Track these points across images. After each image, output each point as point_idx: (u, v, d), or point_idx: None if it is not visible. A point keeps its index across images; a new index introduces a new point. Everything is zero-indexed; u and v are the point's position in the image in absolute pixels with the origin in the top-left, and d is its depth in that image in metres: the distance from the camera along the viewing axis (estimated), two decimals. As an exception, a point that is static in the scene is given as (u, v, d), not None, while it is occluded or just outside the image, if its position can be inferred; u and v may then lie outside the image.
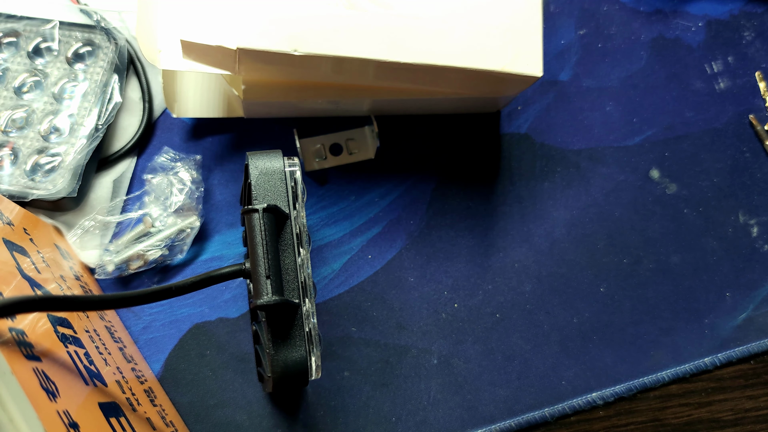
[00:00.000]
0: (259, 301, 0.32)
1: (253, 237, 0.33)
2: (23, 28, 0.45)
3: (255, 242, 0.33)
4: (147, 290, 0.32)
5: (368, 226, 0.47)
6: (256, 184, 0.34)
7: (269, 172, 0.35)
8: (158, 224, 0.44)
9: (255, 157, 0.35)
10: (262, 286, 0.32)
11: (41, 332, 0.30)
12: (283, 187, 0.34)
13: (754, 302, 0.47)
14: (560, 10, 0.52)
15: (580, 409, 0.44)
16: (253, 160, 0.35)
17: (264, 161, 0.35)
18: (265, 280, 0.32)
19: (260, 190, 0.34)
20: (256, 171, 0.34)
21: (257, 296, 0.32)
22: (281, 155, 0.35)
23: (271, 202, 0.34)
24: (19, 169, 0.43)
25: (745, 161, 0.50)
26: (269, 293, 0.32)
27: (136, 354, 0.42)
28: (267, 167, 0.35)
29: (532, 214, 0.48)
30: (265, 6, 0.37)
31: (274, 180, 0.34)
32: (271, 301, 0.31)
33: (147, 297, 0.32)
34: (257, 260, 0.32)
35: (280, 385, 0.33)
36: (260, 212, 0.33)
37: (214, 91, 0.46)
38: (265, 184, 0.34)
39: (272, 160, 0.35)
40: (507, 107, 0.50)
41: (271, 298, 0.31)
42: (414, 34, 0.38)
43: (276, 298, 0.32)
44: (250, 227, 0.33)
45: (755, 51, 0.52)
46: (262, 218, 0.33)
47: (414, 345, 0.45)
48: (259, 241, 0.32)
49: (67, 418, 0.27)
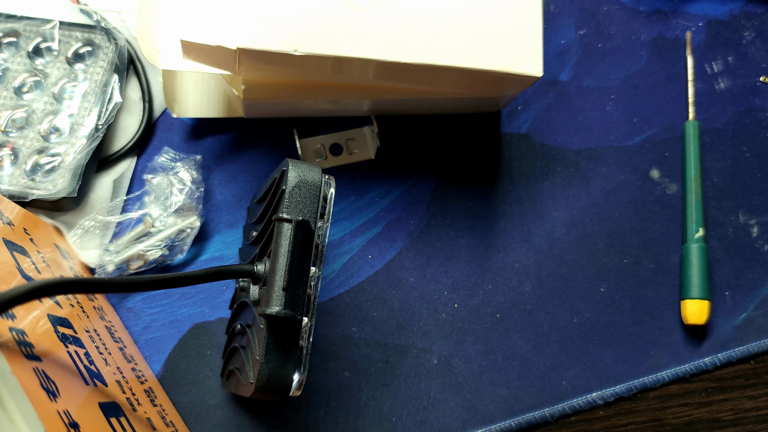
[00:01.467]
0: (269, 310, 0.32)
1: (279, 246, 0.33)
2: (23, 28, 0.45)
3: (280, 252, 0.33)
4: (156, 276, 0.32)
5: (368, 226, 0.47)
6: (290, 193, 0.34)
7: (306, 185, 0.34)
8: (158, 224, 0.44)
9: (295, 167, 0.34)
10: (276, 296, 0.32)
11: (41, 332, 0.30)
12: (316, 204, 0.34)
13: (754, 302, 0.47)
14: (560, 10, 0.52)
15: (580, 409, 0.44)
16: (293, 168, 0.34)
17: (304, 172, 0.34)
18: (281, 291, 0.32)
19: (293, 200, 0.34)
20: (294, 180, 0.34)
21: (267, 304, 0.32)
22: (320, 171, 0.35)
23: (302, 215, 0.34)
24: (19, 169, 0.43)
25: (745, 161, 0.50)
26: (282, 305, 0.32)
27: (137, 354, 0.42)
28: (305, 179, 0.34)
29: (532, 214, 0.48)
30: (265, 6, 0.37)
31: (309, 194, 0.34)
32: (281, 313, 0.32)
33: (155, 283, 0.32)
34: (277, 269, 0.32)
35: (259, 393, 0.33)
36: (293, 224, 0.33)
37: (214, 91, 0.46)
38: (299, 196, 0.34)
39: (312, 173, 0.35)
40: (507, 107, 0.50)
41: (282, 311, 0.32)
42: (414, 34, 0.38)
43: (287, 311, 0.32)
44: (278, 235, 0.33)
45: (755, 51, 0.52)
46: (293, 230, 0.33)
47: (414, 345, 0.45)
48: (284, 253, 0.33)
49: (68, 418, 0.27)
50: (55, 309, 0.33)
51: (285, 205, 0.34)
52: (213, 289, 0.45)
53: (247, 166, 0.47)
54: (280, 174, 0.35)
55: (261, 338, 0.33)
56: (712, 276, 0.47)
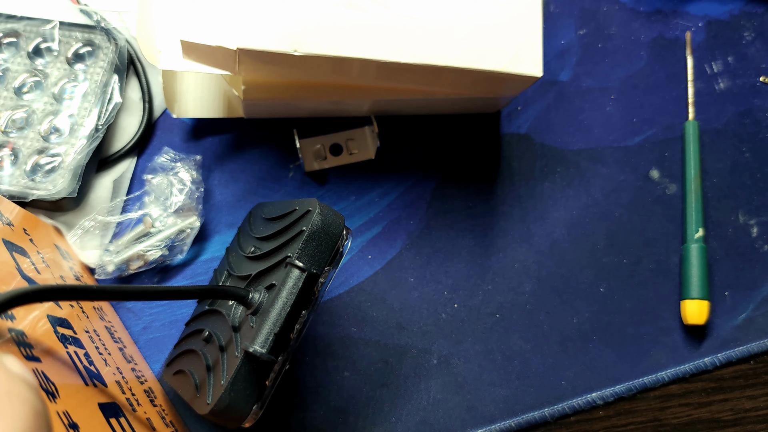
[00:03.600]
0: (252, 348, 0.31)
1: (284, 290, 0.33)
2: (23, 28, 0.45)
3: (282, 296, 0.32)
4: (151, 288, 0.31)
5: (368, 226, 0.47)
6: (309, 237, 0.34)
7: (327, 233, 0.34)
8: (158, 224, 0.44)
9: (322, 212, 0.34)
10: (264, 337, 0.32)
11: (41, 333, 0.30)
12: (329, 254, 0.34)
13: (754, 302, 0.47)
14: (560, 10, 0.52)
15: (580, 409, 0.44)
16: (319, 213, 0.34)
17: (327, 220, 0.34)
18: (271, 335, 0.32)
19: (310, 245, 0.34)
20: (316, 226, 0.34)
21: (253, 341, 0.32)
22: (343, 222, 0.35)
23: (315, 264, 0.34)
24: (19, 170, 0.43)
25: (745, 161, 0.50)
26: (267, 349, 0.32)
27: (136, 354, 0.42)
28: (327, 228, 0.34)
29: (532, 214, 0.48)
30: (265, 6, 0.37)
31: (327, 243, 0.34)
32: (264, 356, 0.31)
33: (148, 294, 0.32)
34: (273, 312, 0.32)
35: (213, 417, 0.33)
36: (305, 275, 0.33)
37: (214, 91, 0.46)
38: (317, 243, 0.34)
39: (336, 223, 0.35)
40: (507, 107, 0.50)
41: (265, 354, 0.31)
42: (414, 34, 0.38)
43: (269, 356, 0.32)
44: (286, 278, 0.33)
45: (755, 51, 0.52)
46: (303, 281, 0.33)
47: (414, 345, 0.45)
48: (287, 300, 0.32)
49: (67, 419, 0.27)
50: (55, 309, 0.33)
51: (301, 248, 0.33)
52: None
53: (247, 166, 0.47)
54: (304, 212, 0.35)
55: (232, 365, 0.33)
56: (712, 276, 0.47)
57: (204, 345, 0.37)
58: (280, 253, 0.35)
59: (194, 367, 0.37)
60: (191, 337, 0.39)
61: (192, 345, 0.38)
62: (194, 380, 0.35)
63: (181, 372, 0.38)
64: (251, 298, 0.34)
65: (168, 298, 0.32)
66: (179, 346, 0.40)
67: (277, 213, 0.38)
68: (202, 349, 0.36)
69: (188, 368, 0.37)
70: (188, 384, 0.36)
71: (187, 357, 0.38)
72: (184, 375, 0.37)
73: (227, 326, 0.35)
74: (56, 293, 0.26)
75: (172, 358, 0.40)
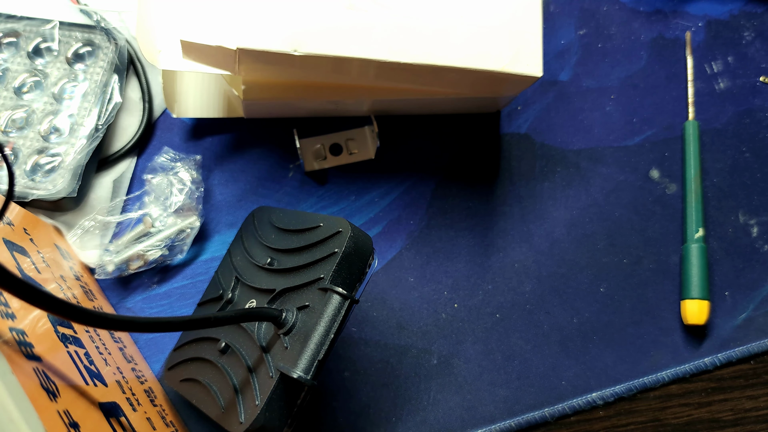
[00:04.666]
0: (295, 373, 0.31)
1: (325, 316, 0.32)
2: (23, 28, 0.45)
3: (325, 322, 0.32)
4: (185, 318, 0.31)
5: (368, 226, 0.47)
6: (343, 259, 0.34)
7: (359, 254, 0.34)
8: (158, 224, 0.44)
9: (354, 234, 0.34)
10: (308, 363, 0.31)
11: (41, 332, 0.30)
12: (358, 275, 0.34)
13: (754, 302, 0.47)
14: (560, 10, 0.52)
15: (580, 409, 0.44)
16: (352, 237, 0.34)
17: (359, 241, 0.34)
18: (314, 361, 0.32)
19: (343, 268, 0.34)
20: (350, 248, 0.34)
21: (293, 365, 0.31)
22: (372, 243, 0.35)
23: (348, 287, 0.33)
24: (19, 170, 0.43)
25: (745, 161, 0.50)
26: (311, 375, 0.31)
27: (136, 354, 0.42)
28: (359, 249, 0.34)
29: (532, 214, 0.48)
30: (265, 6, 0.37)
31: (358, 263, 0.34)
32: (307, 382, 0.31)
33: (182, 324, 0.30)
34: (315, 338, 0.32)
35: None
36: (348, 301, 0.32)
37: (214, 91, 0.46)
38: (349, 265, 0.34)
39: (366, 244, 0.35)
40: (507, 107, 0.50)
41: (308, 380, 0.31)
42: (414, 34, 0.38)
43: (311, 381, 0.31)
44: (327, 304, 0.32)
45: (755, 51, 0.52)
46: (345, 307, 0.32)
47: (414, 345, 0.45)
48: (331, 327, 0.32)
49: (68, 418, 0.27)
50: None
51: (335, 271, 0.33)
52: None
53: (247, 166, 0.47)
54: (334, 232, 0.35)
55: (265, 385, 0.32)
56: (712, 276, 0.47)
57: (220, 356, 0.36)
58: (308, 272, 0.35)
59: (213, 379, 0.36)
60: (201, 343, 0.39)
61: (204, 353, 0.38)
62: (215, 394, 0.35)
63: (195, 381, 0.38)
64: (284, 320, 0.33)
65: (203, 326, 0.31)
66: (185, 351, 0.40)
67: (296, 226, 0.38)
68: (219, 360, 0.36)
69: (204, 379, 0.37)
70: (206, 396, 0.36)
71: (199, 366, 0.38)
72: (199, 385, 0.37)
73: (253, 344, 0.35)
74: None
75: (178, 362, 0.40)
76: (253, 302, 0.37)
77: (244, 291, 0.39)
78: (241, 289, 0.39)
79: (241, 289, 0.39)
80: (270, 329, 0.34)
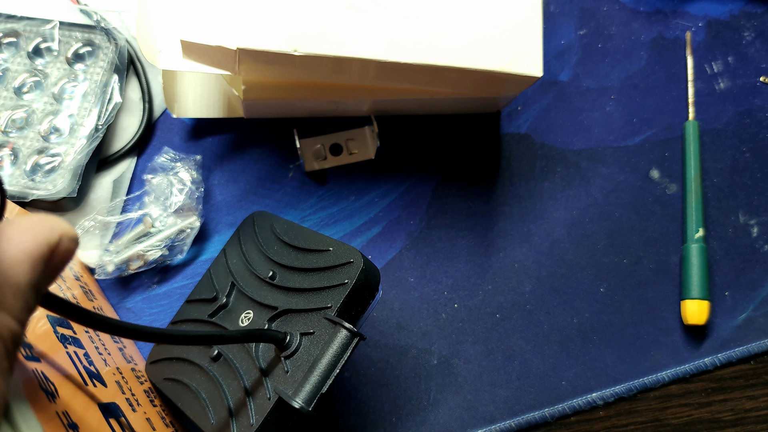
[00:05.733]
0: (296, 402, 0.31)
1: (330, 350, 0.32)
2: (23, 28, 0.45)
3: (330, 356, 0.32)
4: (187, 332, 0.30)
5: (368, 226, 0.47)
6: (352, 291, 0.33)
7: (366, 289, 0.34)
8: (158, 224, 0.44)
9: (365, 267, 0.34)
10: (310, 394, 0.31)
11: (40, 333, 0.30)
12: (364, 307, 0.34)
13: (754, 302, 0.47)
14: (560, 10, 0.52)
15: (580, 409, 0.44)
16: (363, 270, 0.34)
17: (369, 274, 0.34)
18: (317, 393, 0.31)
19: (352, 300, 0.33)
20: (361, 280, 0.34)
21: (296, 394, 0.31)
22: (380, 276, 0.35)
23: (353, 320, 0.33)
24: (19, 170, 0.43)
25: (745, 161, 0.50)
26: (312, 406, 0.31)
27: (136, 354, 0.42)
28: (369, 282, 0.34)
29: (532, 214, 0.48)
30: (265, 6, 0.37)
31: (364, 298, 0.34)
32: (306, 412, 0.31)
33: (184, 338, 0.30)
34: (319, 370, 0.31)
35: None
36: (356, 339, 0.32)
37: (214, 91, 0.46)
38: (358, 297, 0.34)
39: (375, 276, 0.34)
40: (507, 107, 0.50)
41: (308, 411, 0.31)
42: (414, 34, 0.38)
43: (310, 412, 0.31)
44: (333, 338, 0.32)
45: (755, 51, 0.52)
46: (353, 346, 0.32)
47: (414, 345, 0.45)
48: (335, 362, 0.32)
49: (67, 419, 0.27)
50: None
51: (344, 303, 0.33)
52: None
53: (247, 166, 0.47)
54: (345, 261, 0.34)
55: (261, 408, 0.32)
56: (712, 276, 0.47)
57: (211, 363, 0.36)
58: (315, 297, 0.34)
59: (203, 387, 0.36)
60: (190, 345, 0.38)
61: (194, 357, 0.37)
62: (205, 403, 0.35)
63: (181, 383, 0.37)
64: (287, 343, 0.33)
65: (209, 342, 0.31)
66: (169, 347, 0.39)
67: (303, 244, 0.37)
68: (210, 368, 0.36)
69: (192, 383, 0.36)
70: (195, 403, 0.36)
71: (188, 368, 0.37)
72: (187, 389, 0.36)
73: (250, 359, 0.34)
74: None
75: (163, 358, 0.39)
76: (250, 313, 0.37)
77: (240, 299, 0.38)
78: (237, 296, 0.38)
79: (237, 296, 0.38)
80: (270, 349, 0.34)
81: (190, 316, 0.40)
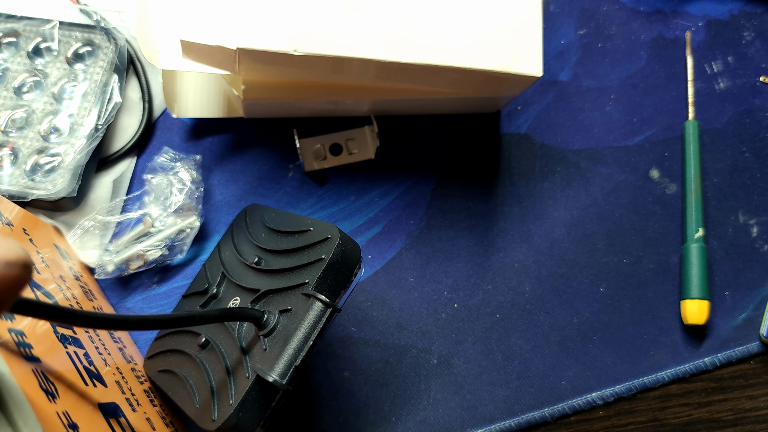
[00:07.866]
0: (271, 377, 0.31)
1: (305, 322, 0.32)
2: (23, 28, 0.45)
3: (304, 329, 0.32)
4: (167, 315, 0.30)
5: (368, 226, 0.47)
6: (329, 266, 0.33)
7: (345, 264, 0.34)
8: (158, 224, 0.44)
9: (343, 242, 0.34)
10: (284, 368, 0.31)
11: (40, 333, 0.30)
12: (344, 283, 0.34)
13: (754, 302, 0.47)
14: (560, 10, 0.52)
15: (580, 409, 0.44)
16: (340, 245, 0.34)
17: (347, 250, 0.34)
18: (291, 366, 0.31)
19: (329, 275, 0.33)
20: (338, 254, 0.34)
21: (270, 368, 0.31)
22: (360, 252, 0.35)
23: (332, 295, 0.33)
24: (19, 169, 0.43)
25: (744, 161, 0.50)
26: (287, 381, 0.31)
27: (136, 354, 0.42)
28: (346, 259, 0.34)
29: (532, 214, 0.48)
30: (265, 6, 0.37)
31: (343, 273, 0.34)
32: (282, 386, 0.31)
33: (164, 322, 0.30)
34: (293, 343, 0.32)
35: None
36: (329, 309, 0.32)
37: (214, 91, 0.46)
38: (335, 272, 0.34)
39: (354, 252, 0.34)
40: (507, 107, 0.50)
41: (283, 385, 0.31)
42: (414, 34, 0.38)
43: (286, 386, 0.31)
44: (309, 311, 0.32)
45: (755, 51, 0.52)
46: (327, 315, 0.32)
47: (414, 345, 0.45)
48: (310, 334, 0.32)
49: (67, 419, 0.27)
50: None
51: (320, 278, 0.33)
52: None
53: (247, 166, 0.47)
54: (322, 237, 0.34)
55: (241, 386, 0.32)
56: (712, 276, 0.47)
57: (200, 351, 0.36)
58: (294, 275, 0.35)
59: (190, 373, 0.36)
60: (182, 335, 0.38)
61: (184, 347, 0.37)
62: (192, 389, 0.35)
63: (172, 373, 0.37)
64: (265, 321, 0.33)
65: (186, 324, 0.31)
66: (165, 341, 0.40)
67: (286, 227, 0.38)
68: (199, 355, 0.36)
69: (181, 372, 0.36)
70: (183, 390, 0.36)
71: (178, 358, 0.38)
72: (176, 378, 0.37)
73: (233, 343, 0.34)
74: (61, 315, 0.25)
75: (158, 352, 0.40)
76: (237, 300, 0.37)
77: (229, 288, 0.38)
78: (226, 286, 0.39)
79: (226, 285, 0.39)
80: (251, 329, 0.34)
81: (184, 309, 0.40)
